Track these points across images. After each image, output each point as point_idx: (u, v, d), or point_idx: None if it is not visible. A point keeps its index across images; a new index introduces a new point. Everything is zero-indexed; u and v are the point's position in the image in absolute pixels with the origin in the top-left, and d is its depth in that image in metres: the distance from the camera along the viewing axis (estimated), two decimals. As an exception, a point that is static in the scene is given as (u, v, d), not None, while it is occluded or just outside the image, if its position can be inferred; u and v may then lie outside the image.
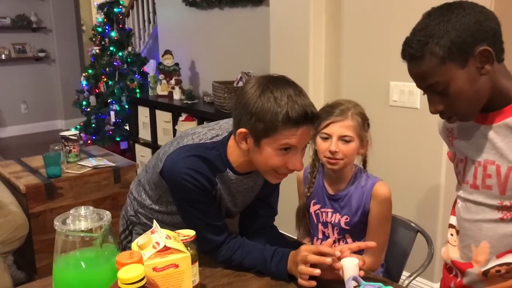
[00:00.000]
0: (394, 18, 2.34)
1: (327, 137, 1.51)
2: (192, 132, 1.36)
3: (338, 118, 1.51)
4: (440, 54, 1.04)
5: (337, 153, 1.49)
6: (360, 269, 1.17)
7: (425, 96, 1.16)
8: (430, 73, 1.07)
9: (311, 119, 1.18)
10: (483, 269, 1.18)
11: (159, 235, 1.02)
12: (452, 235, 1.30)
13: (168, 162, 1.29)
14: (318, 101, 2.70)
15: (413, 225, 1.68)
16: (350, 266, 1.15)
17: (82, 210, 1.01)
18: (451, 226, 1.31)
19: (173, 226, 1.42)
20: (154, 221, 1.07)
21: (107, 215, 1.02)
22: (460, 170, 1.24)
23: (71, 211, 1.01)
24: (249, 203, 1.47)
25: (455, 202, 1.33)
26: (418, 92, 2.28)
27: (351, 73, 2.60)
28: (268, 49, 2.94)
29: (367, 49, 2.50)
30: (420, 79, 1.11)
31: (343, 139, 1.50)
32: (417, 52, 1.07)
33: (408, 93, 2.33)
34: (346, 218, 1.54)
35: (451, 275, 1.32)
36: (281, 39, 2.82)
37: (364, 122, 1.54)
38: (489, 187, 1.15)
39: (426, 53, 1.06)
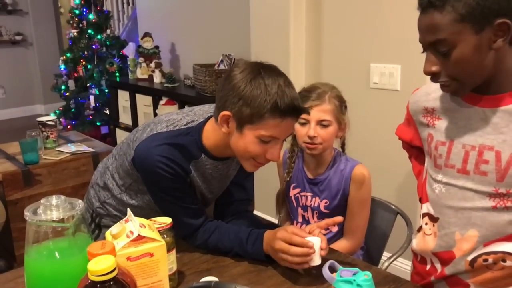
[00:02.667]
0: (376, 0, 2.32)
1: (305, 122, 1.50)
2: (167, 119, 1.33)
3: (315, 102, 1.49)
4: (461, 11, 0.97)
5: (316, 138, 1.48)
6: (322, 249, 1.17)
7: (407, 75, 1.12)
8: (442, 27, 1.00)
9: (297, 111, 1.18)
10: (469, 258, 1.14)
11: (133, 224, 1.00)
12: (426, 224, 1.24)
13: (141, 150, 1.26)
14: (299, 83, 2.67)
15: (393, 207, 1.69)
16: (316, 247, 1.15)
17: (54, 199, 0.98)
18: (425, 214, 1.25)
19: (143, 216, 1.41)
20: (128, 209, 1.05)
21: (79, 204, 1.00)
22: (442, 153, 1.17)
23: (42, 201, 0.99)
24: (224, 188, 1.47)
25: (421, 187, 1.28)
26: (399, 74, 2.27)
27: (332, 55, 2.58)
28: (249, 31, 2.91)
29: (348, 30, 2.48)
30: (429, 31, 1.03)
31: (321, 123, 1.49)
32: (438, 1, 1.00)
33: (388, 75, 2.32)
34: (326, 202, 1.54)
35: (427, 268, 1.26)
36: (261, 21, 2.78)
37: (341, 105, 1.53)
38: (484, 173, 1.09)
39: (447, 5, 0.99)
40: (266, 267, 1.25)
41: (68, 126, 4.83)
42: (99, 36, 4.71)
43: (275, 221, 1.82)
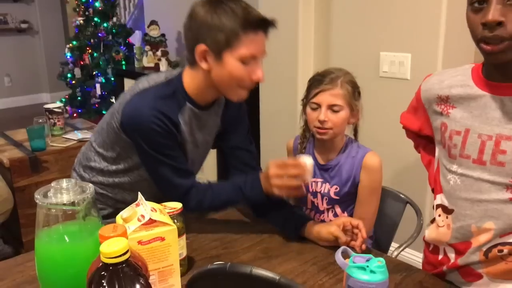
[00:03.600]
0: (385, -13, 2.29)
1: (317, 107, 1.49)
2: (146, 78, 1.36)
3: (327, 86, 1.48)
4: None
5: (326, 122, 1.47)
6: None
7: (417, 64, 1.09)
8: None
9: (266, 24, 1.24)
10: (484, 249, 1.11)
11: (144, 207, 0.99)
12: (440, 215, 1.22)
13: (131, 109, 1.27)
14: (307, 72, 2.67)
15: (403, 196, 1.68)
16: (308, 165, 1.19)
17: (64, 182, 0.97)
18: (438, 206, 1.22)
19: (130, 190, 1.43)
20: (139, 193, 1.04)
21: (90, 187, 0.98)
22: (457, 143, 1.13)
23: (52, 184, 0.98)
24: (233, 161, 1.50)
25: (434, 179, 1.25)
26: (409, 63, 2.25)
27: (341, 43, 2.56)
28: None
29: (358, 19, 2.45)
30: None
31: (332, 108, 1.47)
32: None
33: (398, 63, 2.30)
34: (336, 188, 1.53)
35: (439, 258, 1.24)
36: (270, 8, 2.75)
37: (354, 91, 1.51)
38: (501, 164, 1.05)
39: None
40: (276, 254, 1.25)
41: (74, 114, 4.83)
42: (105, 24, 4.69)
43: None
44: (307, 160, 1.20)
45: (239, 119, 1.52)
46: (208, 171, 3.67)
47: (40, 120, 2.63)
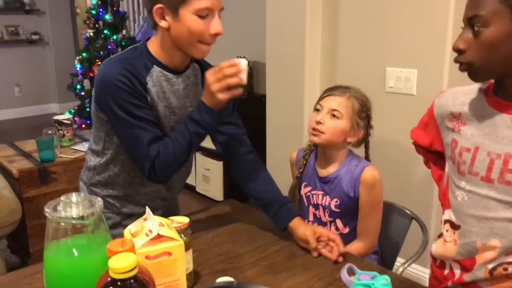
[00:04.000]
0: (392, 3, 2.31)
1: (319, 109, 1.54)
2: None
3: (335, 93, 1.54)
4: None
5: (321, 124, 1.51)
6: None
7: (423, 80, 1.12)
8: (484, 2, 1.00)
9: None
10: (490, 266, 1.12)
11: (151, 222, 1.01)
12: (447, 230, 1.22)
13: (97, 76, 1.32)
14: (314, 86, 2.69)
15: (408, 212, 1.68)
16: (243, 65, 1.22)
17: (74, 196, 0.99)
18: (446, 221, 1.23)
19: (124, 188, 1.46)
20: (147, 208, 1.06)
21: (98, 201, 1.00)
22: (466, 160, 1.14)
23: (62, 198, 0.99)
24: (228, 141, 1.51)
25: (443, 194, 1.26)
26: (415, 78, 2.26)
27: (347, 59, 2.58)
28: (264, 34, 2.91)
29: (364, 34, 2.47)
30: (472, 5, 1.03)
31: (332, 113, 1.51)
32: None
33: (404, 79, 2.31)
34: (336, 201, 1.54)
35: (445, 273, 1.24)
36: (277, 25, 2.79)
37: (361, 109, 1.54)
38: (509, 183, 1.06)
39: None
40: (281, 269, 1.25)
41: (83, 125, 4.87)
42: (114, 37, 4.74)
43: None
44: (241, 60, 1.23)
45: None
46: (214, 184, 3.69)
47: (50, 132, 2.66)
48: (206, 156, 3.71)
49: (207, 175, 3.75)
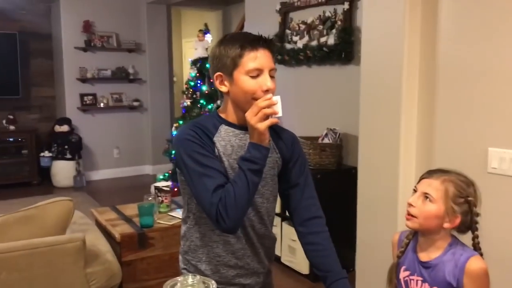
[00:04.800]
0: (495, 78, 2.26)
1: (415, 191, 1.52)
2: None
3: (429, 176, 1.51)
4: None
5: (413, 207, 1.47)
6: None
7: None
8: None
9: (265, 41, 1.44)
10: None
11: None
12: None
13: (175, 137, 1.52)
14: (409, 165, 2.64)
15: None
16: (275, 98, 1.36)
17: (190, 278, 1.04)
18: None
19: (207, 252, 1.51)
20: None
21: (212, 284, 1.05)
22: None
23: (179, 279, 1.05)
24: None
25: None
26: (522, 161, 2.16)
27: (446, 137, 2.52)
28: (356, 107, 2.94)
29: (464, 111, 2.41)
30: None
31: (425, 195, 1.48)
32: None
33: (509, 160, 2.21)
34: (435, 290, 1.47)
35: None
36: (371, 99, 2.81)
37: (457, 194, 1.48)
38: None
39: None
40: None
41: (175, 189, 5.09)
42: (209, 106, 5.02)
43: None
44: (276, 97, 1.36)
45: (295, 154, 1.60)
46: (300, 256, 3.63)
47: (150, 198, 2.82)
48: (292, 226, 3.70)
49: (293, 246, 3.72)
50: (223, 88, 1.46)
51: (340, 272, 1.51)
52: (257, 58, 1.41)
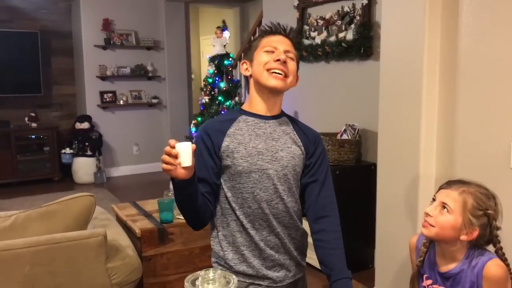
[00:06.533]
0: (518, 78, 2.23)
1: (433, 200, 1.51)
2: None
3: (448, 186, 1.50)
4: None
5: (430, 217, 1.46)
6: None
7: None
8: None
9: (283, 30, 1.58)
10: None
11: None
12: None
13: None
14: (429, 162, 2.61)
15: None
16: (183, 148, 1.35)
17: (211, 273, 1.05)
18: None
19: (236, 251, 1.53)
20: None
21: (233, 279, 1.05)
22: None
23: (200, 273, 1.06)
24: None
25: None
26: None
27: (467, 133, 2.48)
28: (375, 103, 2.92)
29: (486, 107, 2.38)
30: None
31: (443, 205, 1.46)
32: None
33: (533, 156, 2.17)
34: (459, 300, 1.45)
35: None
36: (391, 95, 2.79)
37: (476, 206, 1.45)
38: None
39: None
40: None
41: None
42: (227, 103, 5.04)
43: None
44: (182, 144, 1.39)
45: (317, 152, 1.60)
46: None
47: (170, 194, 2.83)
48: (312, 223, 3.70)
49: (312, 242, 3.71)
50: (247, 73, 1.58)
51: (344, 272, 1.48)
52: (274, 41, 1.54)
